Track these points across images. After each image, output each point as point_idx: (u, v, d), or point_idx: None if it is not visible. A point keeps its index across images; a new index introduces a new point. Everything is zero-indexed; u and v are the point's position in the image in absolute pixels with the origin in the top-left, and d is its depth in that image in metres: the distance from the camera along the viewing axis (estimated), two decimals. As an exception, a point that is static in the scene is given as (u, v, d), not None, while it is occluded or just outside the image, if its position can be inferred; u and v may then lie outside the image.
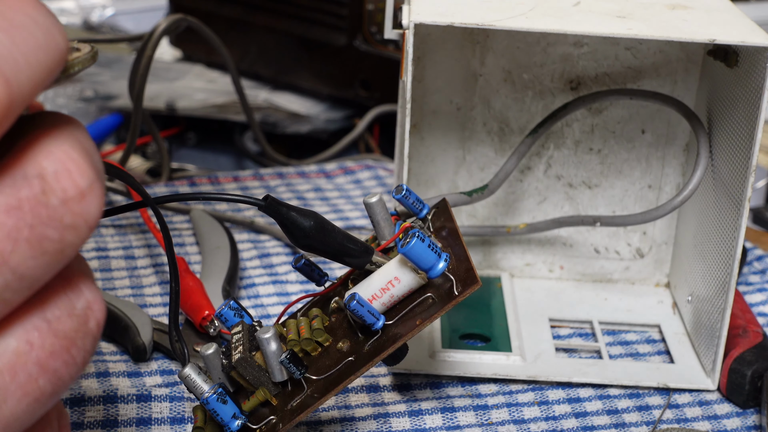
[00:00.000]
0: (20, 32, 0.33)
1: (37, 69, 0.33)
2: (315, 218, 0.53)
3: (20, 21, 0.34)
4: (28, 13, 0.34)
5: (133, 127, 0.84)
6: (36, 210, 0.32)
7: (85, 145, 0.34)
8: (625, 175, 0.72)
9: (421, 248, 0.52)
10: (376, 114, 0.96)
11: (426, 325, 0.53)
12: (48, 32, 0.34)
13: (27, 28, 0.34)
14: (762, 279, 0.75)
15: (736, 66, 0.61)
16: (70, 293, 0.34)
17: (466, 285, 0.52)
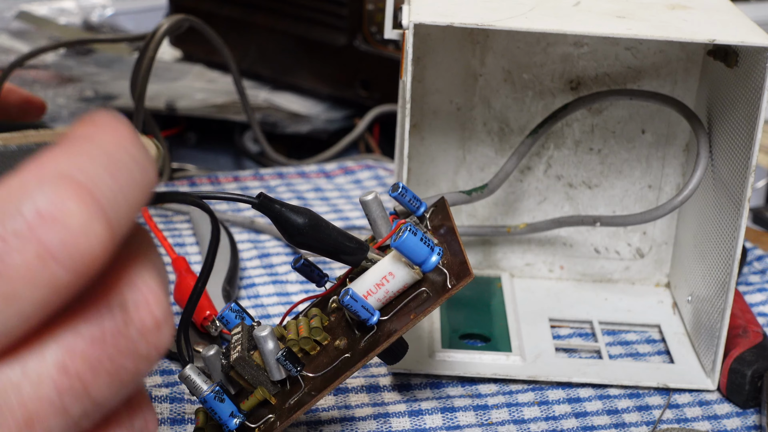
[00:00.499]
0: (122, 172, 0.35)
1: (134, 207, 0.35)
2: (309, 215, 0.53)
3: (122, 160, 0.35)
4: (129, 151, 0.35)
5: (135, 127, 0.84)
6: (117, 341, 0.33)
7: (161, 272, 0.35)
8: (625, 175, 0.72)
9: (413, 242, 0.52)
10: (376, 114, 0.96)
11: (420, 319, 0.53)
12: (145, 169, 0.36)
13: (128, 166, 0.35)
14: (762, 279, 0.75)
15: (736, 66, 0.61)
16: (131, 413, 0.36)
17: (460, 278, 0.52)
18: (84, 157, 0.34)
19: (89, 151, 0.35)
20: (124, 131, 0.37)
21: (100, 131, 0.36)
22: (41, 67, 1.08)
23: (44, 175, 0.33)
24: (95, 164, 0.34)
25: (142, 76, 0.84)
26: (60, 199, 0.33)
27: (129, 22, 1.25)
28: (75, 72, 1.06)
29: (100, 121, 0.36)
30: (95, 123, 0.36)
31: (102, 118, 0.37)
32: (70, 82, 1.06)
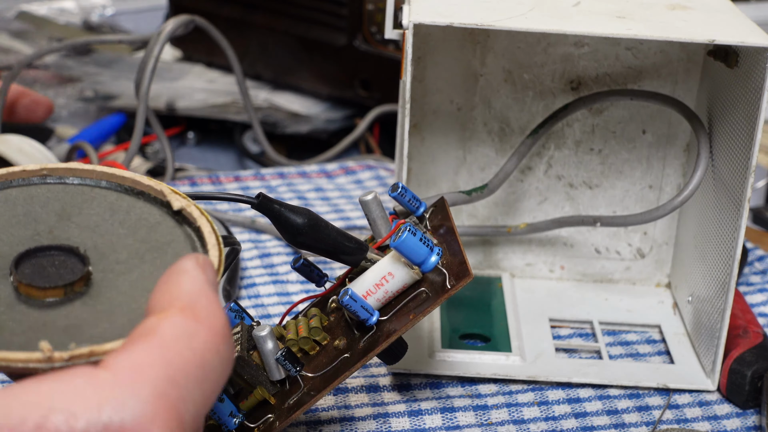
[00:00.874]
0: (210, 380, 0.36)
1: (209, 406, 0.36)
2: (308, 216, 0.53)
3: (213, 365, 0.36)
4: (219, 351, 0.37)
5: (138, 128, 0.84)
6: None
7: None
8: (625, 176, 0.72)
9: (413, 242, 0.52)
10: (376, 114, 0.96)
11: (419, 319, 0.53)
12: (227, 364, 0.37)
13: (215, 370, 0.36)
14: (763, 279, 0.75)
15: (736, 66, 0.61)
16: None
17: (459, 278, 0.52)
18: (182, 372, 0.35)
19: (187, 362, 0.35)
20: (219, 319, 0.37)
21: (199, 323, 0.37)
22: (41, 67, 1.08)
23: (140, 384, 0.33)
24: (189, 379, 0.35)
25: (147, 76, 0.84)
26: (147, 420, 0.33)
27: (129, 22, 1.25)
28: (75, 72, 1.06)
29: (198, 304, 0.37)
30: (194, 306, 0.37)
31: (199, 293, 0.38)
32: (70, 82, 1.06)
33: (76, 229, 0.46)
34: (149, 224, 0.47)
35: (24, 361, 0.38)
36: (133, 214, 0.48)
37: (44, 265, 0.44)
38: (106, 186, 0.49)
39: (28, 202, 0.47)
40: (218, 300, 0.39)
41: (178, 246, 0.46)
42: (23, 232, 0.45)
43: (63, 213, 0.47)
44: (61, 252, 0.45)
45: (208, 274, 0.40)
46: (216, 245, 0.46)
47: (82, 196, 0.48)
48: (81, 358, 0.38)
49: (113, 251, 0.46)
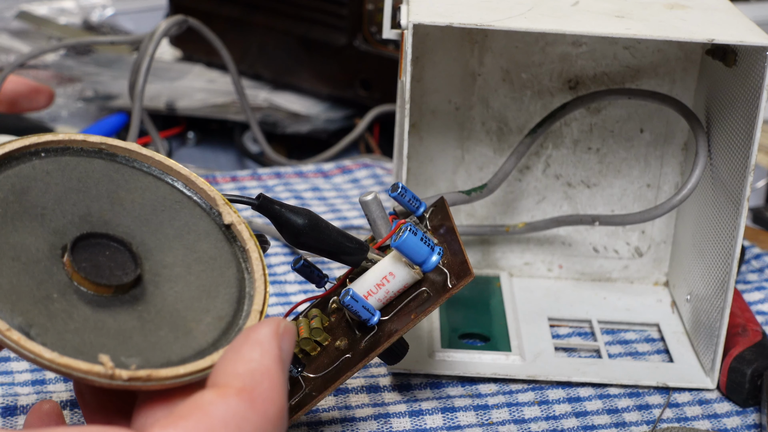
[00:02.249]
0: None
1: None
2: (308, 216, 0.53)
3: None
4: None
5: (134, 128, 0.84)
6: None
7: None
8: (623, 175, 0.72)
9: (414, 242, 0.52)
10: (375, 114, 0.96)
11: (421, 319, 0.53)
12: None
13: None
14: (760, 277, 0.75)
15: (735, 65, 0.61)
16: None
17: (460, 277, 0.52)
18: None
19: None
20: (275, 405, 0.38)
21: (253, 409, 0.37)
22: (41, 67, 1.08)
23: None
24: None
25: (141, 76, 0.84)
26: None
27: (129, 22, 1.25)
28: (75, 72, 1.06)
29: (258, 388, 0.38)
30: (253, 389, 0.38)
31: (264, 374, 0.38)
32: (70, 82, 1.06)
33: (127, 217, 0.46)
34: (197, 232, 0.47)
35: (86, 372, 0.39)
36: (183, 216, 0.47)
37: (97, 254, 0.43)
38: (158, 175, 0.48)
39: (84, 176, 0.46)
40: (283, 382, 0.39)
41: (224, 264, 0.46)
42: (77, 209, 0.45)
43: (116, 197, 0.46)
44: (116, 243, 0.44)
45: (284, 346, 0.40)
46: (262, 276, 0.46)
47: (134, 182, 0.47)
48: (138, 380, 0.39)
49: (161, 252, 0.45)
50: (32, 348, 0.39)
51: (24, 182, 0.44)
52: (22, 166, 0.45)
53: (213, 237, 0.47)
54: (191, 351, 0.43)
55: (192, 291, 0.45)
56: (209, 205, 0.48)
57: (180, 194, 0.48)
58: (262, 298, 0.46)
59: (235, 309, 0.45)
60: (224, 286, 0.46)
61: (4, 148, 0.44)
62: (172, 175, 0.48)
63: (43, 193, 0.44)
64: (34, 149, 0.45)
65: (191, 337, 0.43)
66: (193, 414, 0.36)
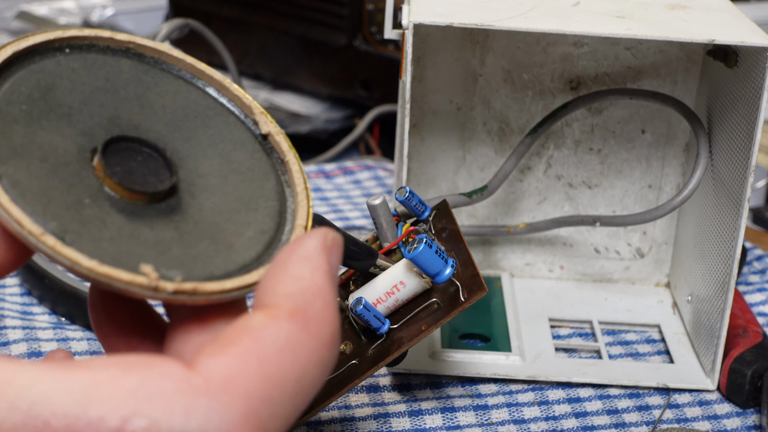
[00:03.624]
0: (304, 393, 0.34)
1: (297, 417, 0.34)
2: (318, 221, 0.53)
3: (311, 377, 0.35)
4: (322, 361, 0.35)
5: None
6: None
7: None
8: (625, 175, 0.72)
9: (429, 254, 0.52)
10: (375, 114, 0.96)
11: (432, 331, 0.53)
12: (326, 373, 0.36)
13: (313, 382, 0.35)
14: (762, 279, 0.75)
15: (736, 66, 0.61)
16: None
17: (472, 292, 0.52)
18: (278, 388, 0.33)
19: (285, 375, 0.33)
20: (330, 326, 0.35)
21: (306, 332, 0.34)
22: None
23: (232, 399, 0.32)
24: (285, 394, 0.33)
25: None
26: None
27: (129, 22, 1.25)
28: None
29: (311, 309, 0.35)
30: (306, 311, 0.35)
31: (316, 293, 0.35)
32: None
33: (158, 122, 0.43)
34: (233, 141, 0.44)
35: (128, 283, 0.36)
36: (216, 123, 0.44)
37: (129, 159, 0.40)
38: (189, 80, 0.45)
39: (111, 76, 0.43)
40: (335, 299, 0.36)
41: (262, 176, 0.43)
42: (105, 110, 0.42)
43: (145, 100, 0.43)
44: (148, 148, 0.41)
45: (333, 260, 0.37)
46: (305, 190, 0.43)
47: (164, 85, 0.44)
48: (184, 294, 0.37)
49: (195, 160, 0.42)
50: (70, 255, 0.36)
51: (49, 79, 0.41)
52: (47, 62, 0.42)
53: (249, 147, 0.44)
54: (235, 265, 0.39)
55: (231, 203, 0.42)
56: (244, 113, 0.45)
57: (212, 100, 0.45)
58: (305, 213, 0.42)
59: (277, 223, 0.42)
60: (264, 198, 0.42)
61: (27, 41, 0.41)
62: (203, 79, 0.45)
63: (69, 91, 0.41)
64: (58, 44, 0.42)
65: (233, 251, 0.40)
66: (243, 339, 0.33)
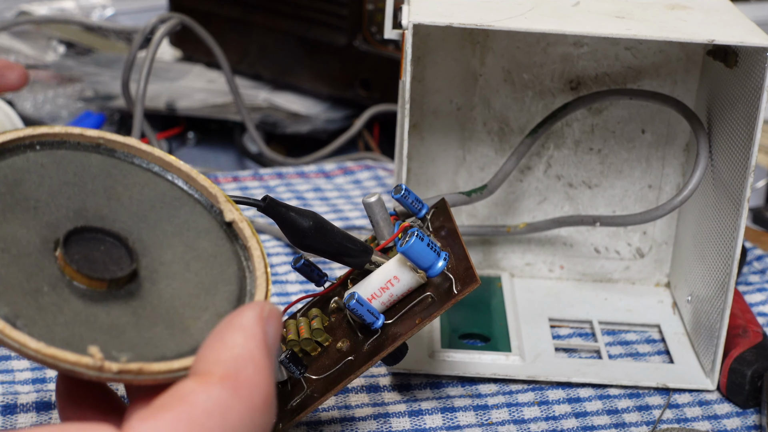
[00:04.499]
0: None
1: None
2: (314, 218, 0.53)
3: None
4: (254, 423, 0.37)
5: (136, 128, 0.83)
6: None
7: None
8: (625, 175, 0.72)
9: (421, 247, 0.52)
10: (373, 113, 0.96)
11: (426, 324, 0.53)
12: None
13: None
14: (762, 279, 0.75)
15: (736, 66, 0.61)
16: None
17: (466, 284, 0.52)
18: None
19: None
20: (261, 392, 0.36)
21: (237, 396, 0.36)
22: (41, 67, 1.08)
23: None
24: None
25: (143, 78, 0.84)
26: None
27: (129, 22, 1.25)
28: (75, 72, 1.06)
29: (242, 374, 0.36)
30: (237, 375, 0.36)
31: (248, 360, 0.37)
32: (70, 82, 1.06)
33: (124, 213, 0.44)
34: (197, 229, 0.45)
35: (74, 363, 0.37)
36: (183, 213, 0.46)
37: (92, 249, 0.42)
38: (158, 172, 0.46)
39: (80, 170, 0.44)
40: (268, 367, 0.37)
41: (224, 262, 0.45)
42: (71, 203, 0.43)
43: (113, 192, 0.45)
44: (110, 238, 0.43)
45: (269, 331, 0.39)
46: (264, 274, 0.44)
47: (133, 177, 0.46)
48: (129, 373, 0.38)
49: (158, 248, 0.44)
50: (17, 337, 0.37)
51: (17, 174, 0.43)
52: (16, 158, 0.43)
53: (213, 234, 0.46)
54: (187, 347, 0.41)
55: (190, 288, 0.43)
56: (210, 202, 0.47)
57: (180, 191, 0.46)
58: (263, 296, 0.44)
59: (234, 306, 0.44)
60: (224, 283, 0.44)
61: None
62: (172, 171, 0.47)
63: (36, 185, 0.43)
64: (28, 141, 0.44)
65: (188, 334, 0.42)
66: (174, 405, 0.35)
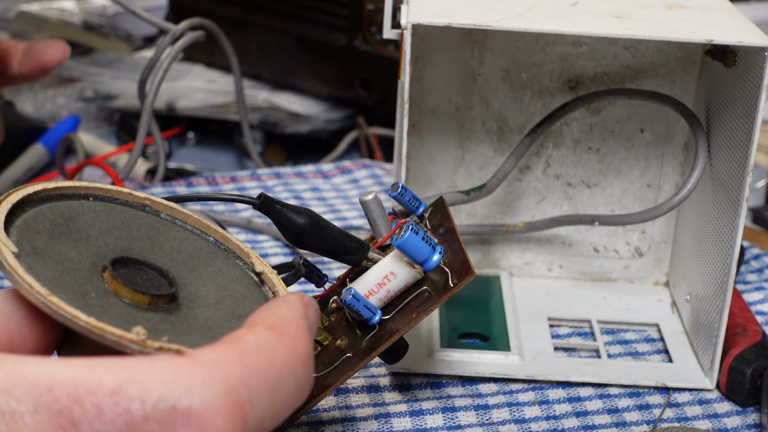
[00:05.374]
0: (282, 396, 0.37)
1: (276, 422, 0.37)
2: (309, 215, 0.53)
3: (288, 383, 0.38)
4: (297, 374, 0.38)
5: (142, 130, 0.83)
6: None
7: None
8: (623, 175, 0.72)
9: (415, 241, 0.52)
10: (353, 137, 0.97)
11: (422, 318, 0.53)
12: (302, 393, 0.39)
13: (289, 390, 0.38)
14: (759, 277, 0.75)
15: (734, 66, 0.61)
16: None
17: (462, 276, 0.52)
18: (256, 376, 0.36)
19: (263, 370, 0.37)
20: (303, 346, 0.39)
21: (282, 343, 0.38)
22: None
23: (215, 375, 0.35)
24: (262, 386, 0.36)
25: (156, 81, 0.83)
26: (214, 409, 0.34)
27: (129, 22, 1.25)
28: (75, 72, 1.06)
29: (287, 328, 0.39)
30: (282, 327, 0.39)
31: (291, 320, 0.40)
32: (70, 82, 1.06)
33: (165, 257, 0.49)
34: (230, 276, 0.50)
35: (119, 336, 0.39)
36: (217, 263, 0.50)
37: (136, 274, 0.46)
38: (197, 233, 0.52)
39: (127, 220, 0.49)
40: (308, 335, 0.40)
41: (255, 301, 0.49)
42: (118, 242, 0.48)
43: (155, 241, 0.49)
44: (152, 270, 0.47)
45: (309, 312, 0.42)
46: None
47: (174, 232, 0.51)
48: (170, 351, 0.40)
49: (195, 287, 0.48)
50: (71, 311, 0.40)
51: (72, 213, 0.47)
52: (72, 202, 0.48)
53: (244, 281, 0.50)
54: None
55: (223, 315, 0.47)
56: (242, 258, 0.52)
57: (215, 247, 0.52)
58: None
59: None
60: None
61: (57, 184, 0.48)
62: (208, 233, 0.52)
63: (89, 224, 0.47)
64: (84, 192, 0.49)
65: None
66: (225, 341, 0.37)
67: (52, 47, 0.80)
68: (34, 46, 0.80)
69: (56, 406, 0.32)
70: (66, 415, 0.32)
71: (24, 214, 0.45)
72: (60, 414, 0.32)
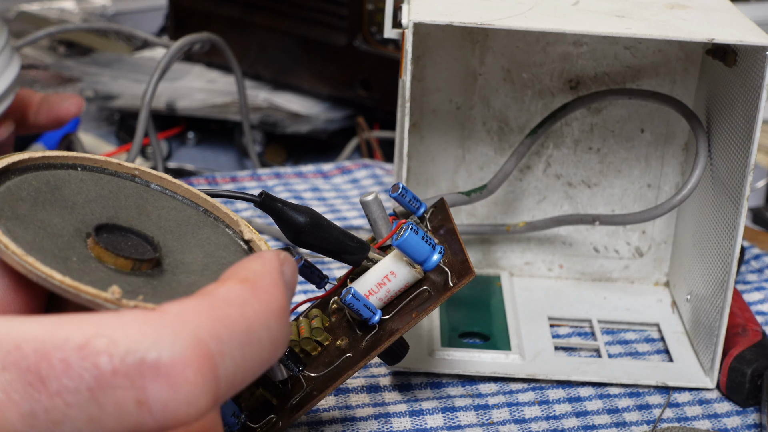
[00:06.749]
0: (254, 350, 0.37)
1: (248, 381, 0.37)
2: (310, 214, 0.53)
3: (260, 338, 0.37)
4: (271, 328, 0.37)
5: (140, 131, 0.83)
6: None
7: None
8: (624, 174, 0.72)
9: (415, 240, 0.52)
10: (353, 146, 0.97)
11: (422, 318, 0.53)
12: (276, 348, 0.38)
13: (261, 344, 0.37)
14: (759, 277, 0.75)
15: (735, 65, 0.61)
16: None
17: (461, 276, 0.52)
18: (226, 329, 0.36)
19: (234, 323, 0.36)
20: (277, 300, 0.38)
21: (255, 296, 0.38)
22: (41, 67, 1.08)
23: (183, 328, 0.34)
24: (233, 339, 0.36)
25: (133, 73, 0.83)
26: (183, 361, 0.34)
27: (129, 23, 1.25)
28: (75, 72, 1.06)
29: (260, 281, 0.38)
30: (255, 281, 0.38)
31: (265, 274, 0.39)
32: (70, 82, 1.06)
33: (152, 225, 0.48)
34: (219, 244, 0.49)
35: (93, 295, 0.39)
36: (205, 231, 0.50)
37: (120, 240, 0.45)
38: (187, 202, 0.51)
39: (115, 190, 0.49)
40: (283, 289, 0.39)
41: None
42: (105, 211, 0.47)
43: (143, 209, 0.48)
44: (137, 236, 0.46)
45: (285, 268, 0.41)
46: None
47: (162, 201, 0.50)
48: (146, 310, 0.40)
49: (181, 254, 0.47)
50: (45, 270, 0.39)
51: (59, 182, 0.47)
52: (59, 171, 0.47)
53: (233, 249, 0.49)
54: None
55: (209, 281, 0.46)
56: (231, 227, 0.51)
57: (205, 216, 0.51)
58: None
59: None
60: None
61: (44, 153, 0.47)
62: (198, 202, 0.51)
63: (75, 193, 0.47)
64: (72, 162, 0.48)
65: None
66: (196, 296, 0.37)
67: (68, 101, 0.82)
68: (51, 99, 0.82)
69: (24, 363, 0.32)
70: (34, 372, 0.32)
71: (8, 182, 0.45)
72: (28, 371, 0.32)
